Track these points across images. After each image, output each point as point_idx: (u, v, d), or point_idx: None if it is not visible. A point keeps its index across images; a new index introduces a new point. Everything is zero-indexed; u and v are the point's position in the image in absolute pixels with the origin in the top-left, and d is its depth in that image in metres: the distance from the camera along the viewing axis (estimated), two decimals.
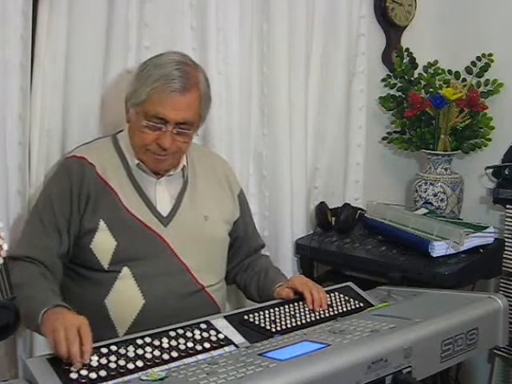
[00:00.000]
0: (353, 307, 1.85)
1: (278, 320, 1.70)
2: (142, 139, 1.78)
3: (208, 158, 2.03)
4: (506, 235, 2.54)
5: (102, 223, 1.76)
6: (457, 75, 2.73)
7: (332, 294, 1.87)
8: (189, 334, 1.54)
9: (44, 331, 1.48)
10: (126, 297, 1.75)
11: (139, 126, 1.77)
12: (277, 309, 1.75)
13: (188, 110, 1.77)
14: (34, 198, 1.88)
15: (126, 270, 1.76)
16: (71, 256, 1.79)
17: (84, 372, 1.34)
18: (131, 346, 1.45)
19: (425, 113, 2.66)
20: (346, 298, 1.88)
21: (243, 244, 2.05)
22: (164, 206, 1.84)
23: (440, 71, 2.75)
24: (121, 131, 1.91)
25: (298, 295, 1.81)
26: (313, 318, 1.75)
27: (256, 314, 1.70)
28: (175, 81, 1.74)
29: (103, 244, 1.76)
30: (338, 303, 1.84)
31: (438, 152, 2.66)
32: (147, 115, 1.75)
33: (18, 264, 1.68)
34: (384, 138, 2.84)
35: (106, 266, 1.76)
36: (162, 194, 1.85)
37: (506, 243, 2.49)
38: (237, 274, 2.04)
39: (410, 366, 1.49)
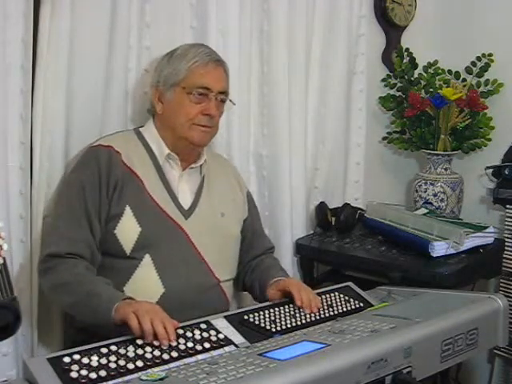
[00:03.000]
0: (353, 307, 1.85)
1: (278, 320, 1.70)
2: (187, 114, 1.85)
3: (217, 159, 2.08)
4: (506, 235, 2.53)
5: (127, 209, 1.78)
6: (457, 75, 2.73)
7: (332, 294, 1.87)
8: (189, 334, 1.54)
9: (122, 316, 1.52)
10: (145, 285, 1.76)
11: (182, 104, 1.85)
12: (277, 309, 1.75)
13: (225, 81, 1.92)
14: (35, 199, 1.89)
15: (147, 258, 1.78)
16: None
17: (84, 372, 1.34)
18: (131, 346, 1.45)
19: (425, 113, 2.66)
20: (346, 298, 1.88)
21: (252, 244, 2.06)
22: (185, 200, 1.88)
23: (440, 71, 2.74)
24: (141, 127, 1.95)
25: (289, 298, 1.80)
26: (313, 318, 1.75)
27: (256, 314, 1.70)
28: (211, 54, 1.91)
29: (128, 229, 1.78)
30: (338, 303, 1.85)
31: (438, 152, 2.65)
32: (191, 88, 1.84)
33: (62, 262, 1.70)
34: (384, 138, 2.83)
35: (128, 252, 1.77)
36: (184, 188, 1.90)
37: (506, 243, 2.48)
38: (245, 275, 2.03)
39: (410, 366, 1.49)
